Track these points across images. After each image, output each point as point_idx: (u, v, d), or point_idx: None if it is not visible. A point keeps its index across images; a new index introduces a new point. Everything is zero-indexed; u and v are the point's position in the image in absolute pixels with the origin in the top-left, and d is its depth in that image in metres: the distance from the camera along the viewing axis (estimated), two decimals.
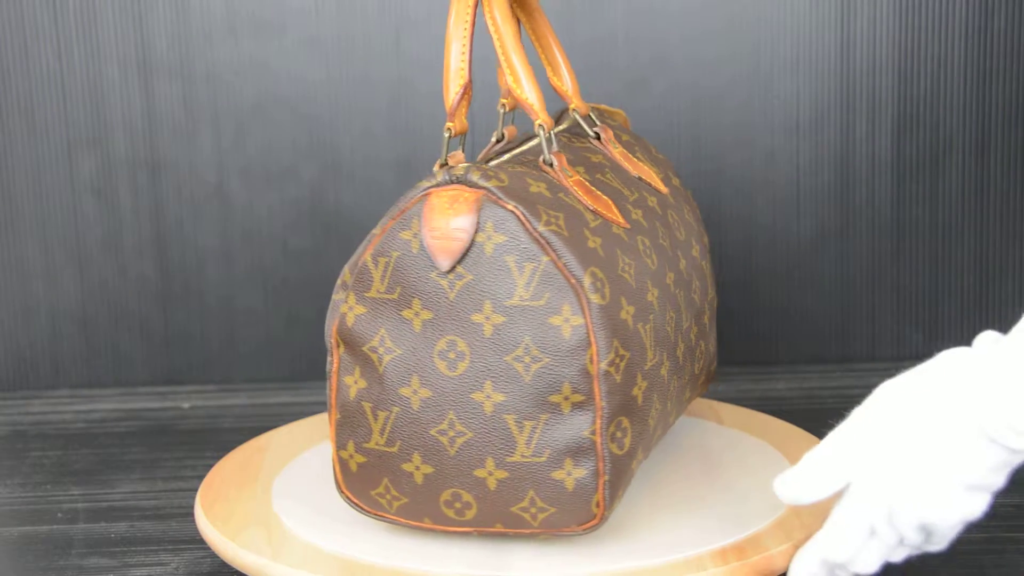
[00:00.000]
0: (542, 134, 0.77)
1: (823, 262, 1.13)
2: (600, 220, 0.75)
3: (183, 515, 0.87)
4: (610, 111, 0.89)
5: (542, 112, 0.77)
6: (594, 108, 0.88)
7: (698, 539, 0.76)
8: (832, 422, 0.71)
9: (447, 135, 0.77)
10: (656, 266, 0.77)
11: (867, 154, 1.11)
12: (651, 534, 0.77)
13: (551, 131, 0.77)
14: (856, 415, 0.69)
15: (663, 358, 0.76)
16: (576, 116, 0.84)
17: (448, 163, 0.77)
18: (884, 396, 0.69)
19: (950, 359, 0.68)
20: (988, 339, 0.67)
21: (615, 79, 1.10)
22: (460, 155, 0.78)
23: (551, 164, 0.76)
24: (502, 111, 0.84)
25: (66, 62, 1.09)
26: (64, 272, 1.12)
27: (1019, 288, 1.13)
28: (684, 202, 0.87)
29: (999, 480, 0.66)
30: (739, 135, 1.11)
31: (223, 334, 1.13)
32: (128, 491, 0.92)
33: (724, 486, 0.83)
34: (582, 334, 0.70)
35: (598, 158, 0.81)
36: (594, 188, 0.77)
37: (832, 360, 1.14)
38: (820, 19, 1.09)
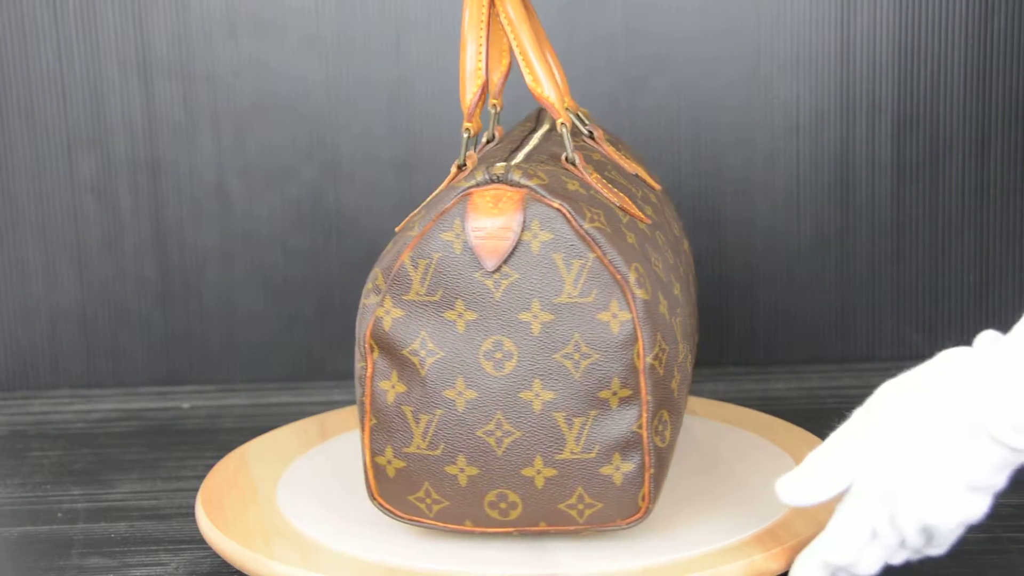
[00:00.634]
0: (565, 132, 0.77)
1: (823, 262, 1.13)
2: (628, 216, 0.75)
3: (183, 515, 0.87)
4: (574, 109, 0.89)
5: (564, 111, 0.77)
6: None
7: (730, 529, 0.76)
8: (834, 423, 0.71)
9: (466, 136, 0.77)
10: (672, 261, 0.78)
11: (867, 154, 1.11)
12: (682, 528, 0.77)
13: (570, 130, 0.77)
14: (857, 416, 0.69)
15: (687, 351, 0.76)
16: (569, 115, 0.84)
17: (467, 164, 0.76)
18: (885, 397, 0.69)
19: (950, 359, 0.68)
20: (988, 339, 0.67)
21: (616, 79, 1.10)
22: (474, 156, 0.78)
23: (573, 162, 0.76)
24: (493, 111, 0.84)
25: (66, 62, 1.09)
26: (64, 272, 1.12)
27: (1019, 288, 1.13)
28: (668, 198, 0.88)
29: (1001, 480, 0.66)
30: (739, 135, 1.11)
31: (223, 334, 1.13)
32: (128, 491, 0.92)
33: (735, 482, 0.84)
34: (629, 329, 0.71)
35: (598, 156, 0.82)
36: (610, 185, 0.77)
37: (832, 360, 1.14)
38: (820, 19, 1.09)
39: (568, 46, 1.08)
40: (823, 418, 0.81)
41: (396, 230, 0.77)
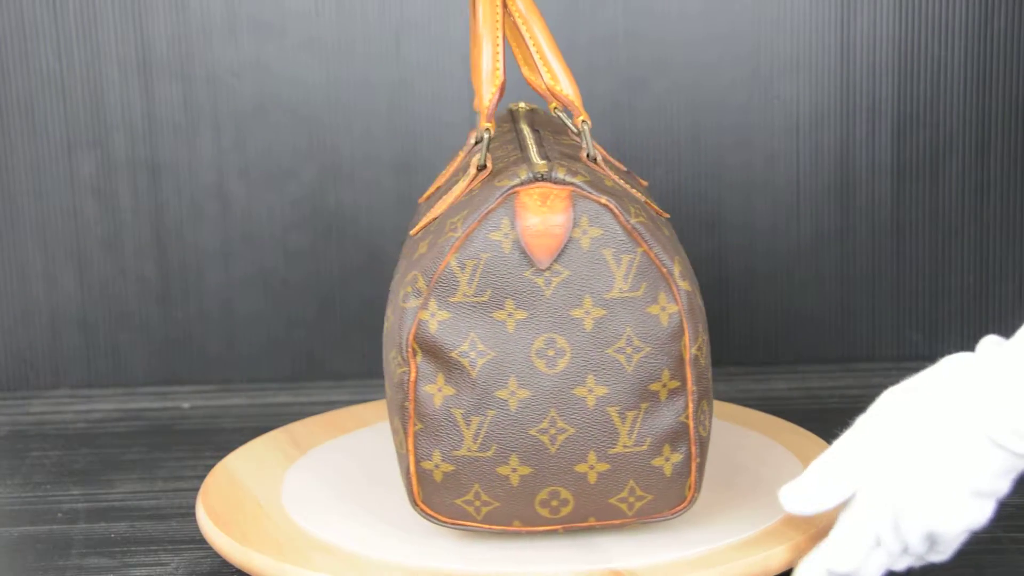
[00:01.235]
0: (586, 130, 0.77)
1: (823, 262, 1.13)
2: (652, 210, 0.76)
3: (183, 515, 0.87)
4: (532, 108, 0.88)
5: (583, 109, 0.78)
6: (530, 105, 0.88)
7: (762, 517, 0.77)
8: (837, 431, 0.71)
9: (487, 136, 0.76)
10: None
11: (867, 155, 1.11)
12: (714, 518, 0.78)
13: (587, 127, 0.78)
14: (860, 424, 0.69)
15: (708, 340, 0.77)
16: (559, 113, 0.84)
17: (486, 165, 0.76)
18: (887, 404, 0.69)
19: (953, 365, 0.68)
20: (990, 344, 0.67)
21: (615, 79, 1.10)
22: (490, 157, 0.78)
23: (595, 159, 0.77)
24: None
25: (66, 62, 1.09)
26: (64, 273, 1.12)
27: (1019, 288, 1.13)
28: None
29: (1004, 486, 0.66)
30: (739, 136, 1.11)
31: (223, 334, 1.13)
32: (128, 491, 0.92)
33: (753, 477, 0.84)
34: (677, 321, 0.72)
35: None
36: (630, 182, 0.78)
37: (832, 360, 1.14)
38: (820, 20, 1.09)
39: (568, 47, 1.08)
40: (823, 418, 0.81)
41: (411, 233, 0.77)
